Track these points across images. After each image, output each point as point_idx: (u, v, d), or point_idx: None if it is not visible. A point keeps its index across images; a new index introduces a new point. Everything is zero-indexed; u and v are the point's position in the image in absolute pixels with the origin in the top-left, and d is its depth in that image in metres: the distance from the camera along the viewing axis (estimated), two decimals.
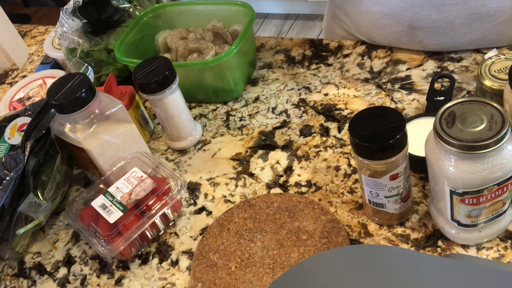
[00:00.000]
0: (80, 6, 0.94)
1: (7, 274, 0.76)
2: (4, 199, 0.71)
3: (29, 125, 0.75)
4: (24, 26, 1.34)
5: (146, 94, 0.79)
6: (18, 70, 1.20)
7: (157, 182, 0.71)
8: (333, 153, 0.78)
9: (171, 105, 0.80)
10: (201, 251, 0.69)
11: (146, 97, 0.79)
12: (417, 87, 0.83)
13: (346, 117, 0.82)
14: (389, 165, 0.58)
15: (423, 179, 0.70)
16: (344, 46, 0.95)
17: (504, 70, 0.70)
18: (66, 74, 0.77)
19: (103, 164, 0.76)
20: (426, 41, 0.85)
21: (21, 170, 0.73)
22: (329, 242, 0.65)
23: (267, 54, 0.99)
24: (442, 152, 0.54)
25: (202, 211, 0.76)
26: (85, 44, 0.96)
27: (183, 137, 0.85)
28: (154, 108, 0.82)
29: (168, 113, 0.81)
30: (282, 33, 2.71)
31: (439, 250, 0.62)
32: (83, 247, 0.76)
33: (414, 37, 0.85)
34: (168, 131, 0.85)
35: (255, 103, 0.90)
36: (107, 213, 0.69)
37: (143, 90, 0.79)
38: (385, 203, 0.63)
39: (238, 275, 0.65)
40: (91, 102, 0.72)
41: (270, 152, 0.81)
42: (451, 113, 0.54)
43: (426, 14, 0.81)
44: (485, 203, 0.56)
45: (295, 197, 0.71)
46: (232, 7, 0.94)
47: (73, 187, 0.86)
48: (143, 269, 0.71)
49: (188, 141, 0.85)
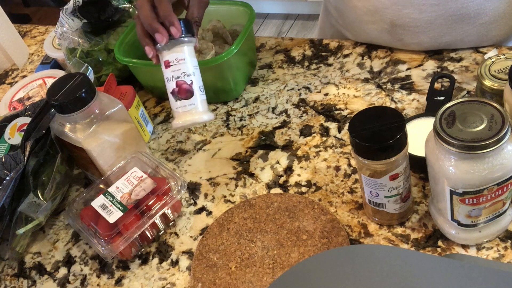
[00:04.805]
0: (80, 6, 0.94)
1: (7, 274, 0.76)
2: (4, 199, 0.71)
3: (29, 125, 0.75)
4: (24, 26, 1.34)
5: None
6: (18, 70, 1.20)
7: (157, 182, 0.71)
8: (333, 153, 0.78)
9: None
10: (201, 251, 0.69)
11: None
12: (417, 87, 0.83)
13: (346, 117, 0.82)
14: (389, 165, 0.58)
15: (423, 179, 0.70)
16: (344, 46, 0.95)
17: (504, 70, 0.70)
18: (66, 74, 0.77)
19: (103, 164, 0.76)
20: (406, 40, 0.86)
21: (21, 170, 0.73)
22: (329, 242, 0.65)
23: (267, 54, 0.99)
24: (442, 152, 0.54)
25: (202, 211, 0.76)
26: (85, 44, 0.96)
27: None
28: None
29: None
30: (282, 33, 2.71)
31: (439, 250, 0.62)
32: (83, 247, 0.76)
33: (395, 34, 0.86)
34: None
35: (255, 103, 0.90)
36: (107, 213, 0.69)
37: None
38: (385, 203, 0.63)
39: (238, 275, 0.65)
40: (91, 102, 0.72)
41: (270, 152, 0.81)
42: (451, 113, 0.54)
43: (407, 13, 0.82)
44: (485, 203, 0.56)
45: (295, 197, 0.71)
46: (232, 7, 0.94)
47: (73, 187, 0.86)
48: (143, 269, 0.71)
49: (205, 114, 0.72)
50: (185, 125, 0.70)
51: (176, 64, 0.70)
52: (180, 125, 0.70)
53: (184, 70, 0.70)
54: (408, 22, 0.83)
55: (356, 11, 0.88)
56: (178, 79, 0.69)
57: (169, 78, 0.70)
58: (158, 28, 0.67)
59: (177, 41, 0.69)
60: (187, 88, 0.70)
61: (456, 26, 0.82)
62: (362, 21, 0.89)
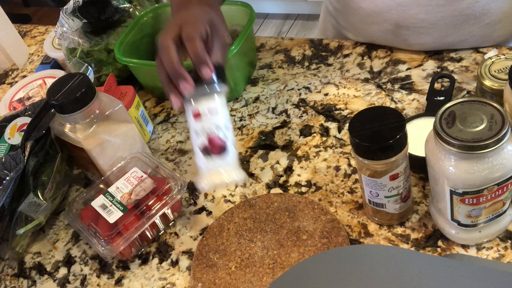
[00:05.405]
0: (80, 6, 0.94)
1: (7, 274, 0.76)
2: (4, 199, 0.71)
3: (29, 125, 0.75)
4: (24, 26, 1.34)
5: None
6: (18, 70, 1.20)
7: (157, 182, 0.71)
8: (333, 153, 0.78)
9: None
10: (201, 251, 0.69)
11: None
12: (417, 87, 0.83)
13: (346, 117, 0.82)
14: (389, 165, 0.58)
15: (423, 179, 0.70)
16: (344, 46, 0.95)
17: (504, 70, 0.70)
18: (66, 74, 0.77)
19: (103, 164, 0.76)
20: (410, 40, 0.86)
21: (21, 170, 0.73)
22: (329, 242, 0.65)
23: (267, 54, 0.99)
24: (442, 152, 0.54)
25: (202, 211, 0.76)
26: (85, 44, 0.96)
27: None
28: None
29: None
30: (282, 33, 2.71)
31: (439, 250, 0.62)
32: (83, 247, 0.76)
33: (399, 35, 0.86)
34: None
35: (255, 103, 0.90)
36: (107, 213, 0.69)
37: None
38: (385, 203, 0.63)
39: (238, 275, 0.65)
40: (91, 102, 0.72)
41: (270, 152, 0.81)
42: (451, 113, 0.54)
43: (413, 14, 0.82)
44: (485, 203, 0.56)
45: (295, 197, 0.71)
46: (232, 7, 0.94)
47: (73, 187, 0.86)
48: (143, 269, 0.71)
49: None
50: (215, 186, 0.63)
51: (208, 116, 0.61)
52: (209, 187, 0.63)
53: (217, 123, 0.61)
54: (413, 23, 0.83)
55: (360, 13, 0.88)
56: (210, 133, 0.61)
57: (199, 131, 0.61)
58: (184, 75, 0.58)
59: (209, 88, 0.60)
60: (220, 144, 0.61)
61: (461, 27, 0.82)
62: (366, 23, 0.88)
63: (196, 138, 0.61)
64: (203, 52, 0.59)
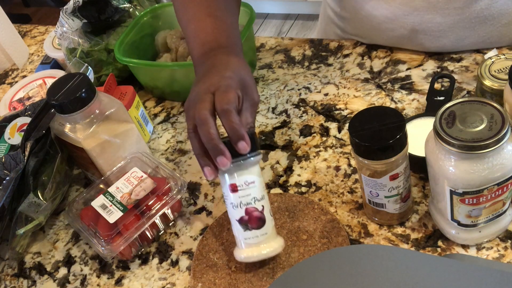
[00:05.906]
0: (80, 6, 0.94)
1: (7, 274, 0.76)
2: (4, 199, 0.71)
3: (29, 125, 0.75)
4: (24, 26, 1.34)
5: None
6: (18, 70, 1.20)
7: (157, 182, 0.71)
8: (333, 153, 0.78)
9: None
10: (201, 251, 0.69)
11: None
12: (417, 87, 0.83)
13: (346, 117, 0.82)
14: (389, 165, 0.58)
15: (423, 179, 0.70)
16: (344, 46, 0.95)
17: (504, 70, 0.70)
18: (66, 74, 0.77)
19: (103, 164, 0.76)
20: (427, 44, 0.85)
21: (21, 170, 0.73)
22: (329, 242, 0.65)
23: (267, 54, 0.99)
24: (442, 152, 0.54)
25: (202, 211, 0.76)
26: (85, 44, 0.96)
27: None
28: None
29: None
30: (282, 33, 2.71)
31: (439, 250, 0.62)
32: (83, 247, 0.76)
33: (415, 40, 0.85)
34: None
35: None
36: (107, 213, 0.69)
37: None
38: (385, 203, 0.63)
39: (238, 275, 0.65)
40: (91, 102, 0.72)
41: (270, 152, 0.81)
42: (451, 113, 0.54)
43: (430, 18, 0.81)
44: (485, 203, 0.56)
45: (295, 197, 0.71)
46: None
47: (73, 187, 0.86)
48: (143, 269, 0.71)
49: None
50: (256, 259, 0.63)
51: (246, 189, 0.60)
52: (249, 259, 0.63)
53: (255, 194, 0.61)
54: (430, 27, 0.82)
55: (371, 20, 0.86)
56: (248, 206, 0.61)
57: (236, 204, 0.61)
58: (223, 151, 0.57)
59: (245, 161, 0.60)
60: (258, 216, 0.61)
61: (479, 28, 0.81)
62: (379, 29, 0.87)
63: (233, 210, 0.62)
64: (239, 126, 0.58)
